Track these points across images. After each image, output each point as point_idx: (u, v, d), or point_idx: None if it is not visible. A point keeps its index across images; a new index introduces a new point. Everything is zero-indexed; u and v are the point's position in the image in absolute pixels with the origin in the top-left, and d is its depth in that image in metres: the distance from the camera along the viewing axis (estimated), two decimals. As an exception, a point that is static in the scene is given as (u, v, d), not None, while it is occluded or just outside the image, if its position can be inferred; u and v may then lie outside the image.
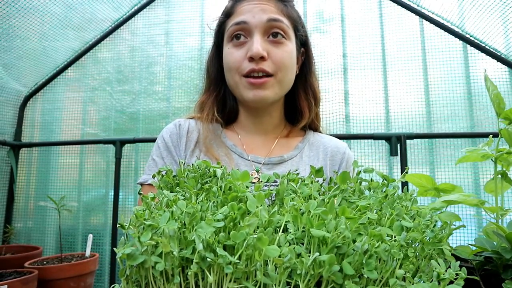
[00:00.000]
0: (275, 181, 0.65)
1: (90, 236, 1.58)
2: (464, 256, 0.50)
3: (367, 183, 0.47)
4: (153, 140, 1.80)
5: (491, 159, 0.58)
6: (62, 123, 2.01)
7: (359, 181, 0.47)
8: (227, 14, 0.84)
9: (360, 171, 0.48)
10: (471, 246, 0.52)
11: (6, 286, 1.10)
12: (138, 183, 0.86)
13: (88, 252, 1.55)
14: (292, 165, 0.85)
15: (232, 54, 0.81)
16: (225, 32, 0.84)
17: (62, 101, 2.03)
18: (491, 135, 0.62)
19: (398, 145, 1.63)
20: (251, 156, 0.85)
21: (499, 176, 0.59)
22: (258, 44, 0.77)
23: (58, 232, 1.67)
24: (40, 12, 1.63)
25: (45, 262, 1.46)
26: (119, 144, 1.83)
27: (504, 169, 0.59)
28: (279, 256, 0.31)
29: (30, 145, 1.97)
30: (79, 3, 1.74)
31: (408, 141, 1.66)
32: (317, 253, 0.30)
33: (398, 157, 1.63)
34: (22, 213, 1.95)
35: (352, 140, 1.74)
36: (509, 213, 0.55)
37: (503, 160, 0.58)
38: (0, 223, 1.88)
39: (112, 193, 1.82)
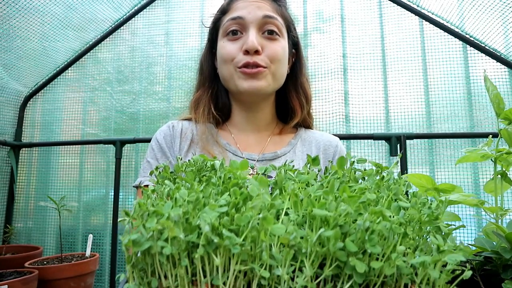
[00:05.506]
0: (270, 177, 0.66)
1: (90, 236, 1.58)
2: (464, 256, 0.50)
3: (360, 172, 0.48)
4: (153, 140, 1.80)
5: (491, 159, 0.59)
6: (62, 123, 2.01)
7: (353, 170, 0.48)
8: (223, 11, 0.87)
9: (354, 161, 0.48)
10: (471, 246, 0.52)
11: (6, 286, 1.10)
12: (133, 186, 0.86)
13: (88, 252, 1.55)
14: (286, 161, 0.87)
15: (226, 47, 0.82)
16: (220, 28, 0.86)
17: (62, 101, 2.02)
18: (490, 135, 0.62)
19: (398, 145, 1.63)
20: (245, 154, 0.86)
21: (499, 176, 0.59)
22: (253, 38, 0.79)
23: (58, 232, 1.67)
24: (41, 13, 1.63)
25: (45, 262, 1.46)
26: (119, 144, 1.83)
27: (503, 169, 0.59)
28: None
29: (30, 145, 1.97)
30: (80, 4, 1.74)
31: (408, 141, 1.66)
32: (322, 229, 0.31)
33: (398, 157, 1.63)
34: (22, 213, 1.95)
35: (352, 140, 1.74)
36: (509, 213, 0.55)
37: (502, 160, 0.58)
38: (0, 223, 1.87)
39: (112, 193, 1.82)
